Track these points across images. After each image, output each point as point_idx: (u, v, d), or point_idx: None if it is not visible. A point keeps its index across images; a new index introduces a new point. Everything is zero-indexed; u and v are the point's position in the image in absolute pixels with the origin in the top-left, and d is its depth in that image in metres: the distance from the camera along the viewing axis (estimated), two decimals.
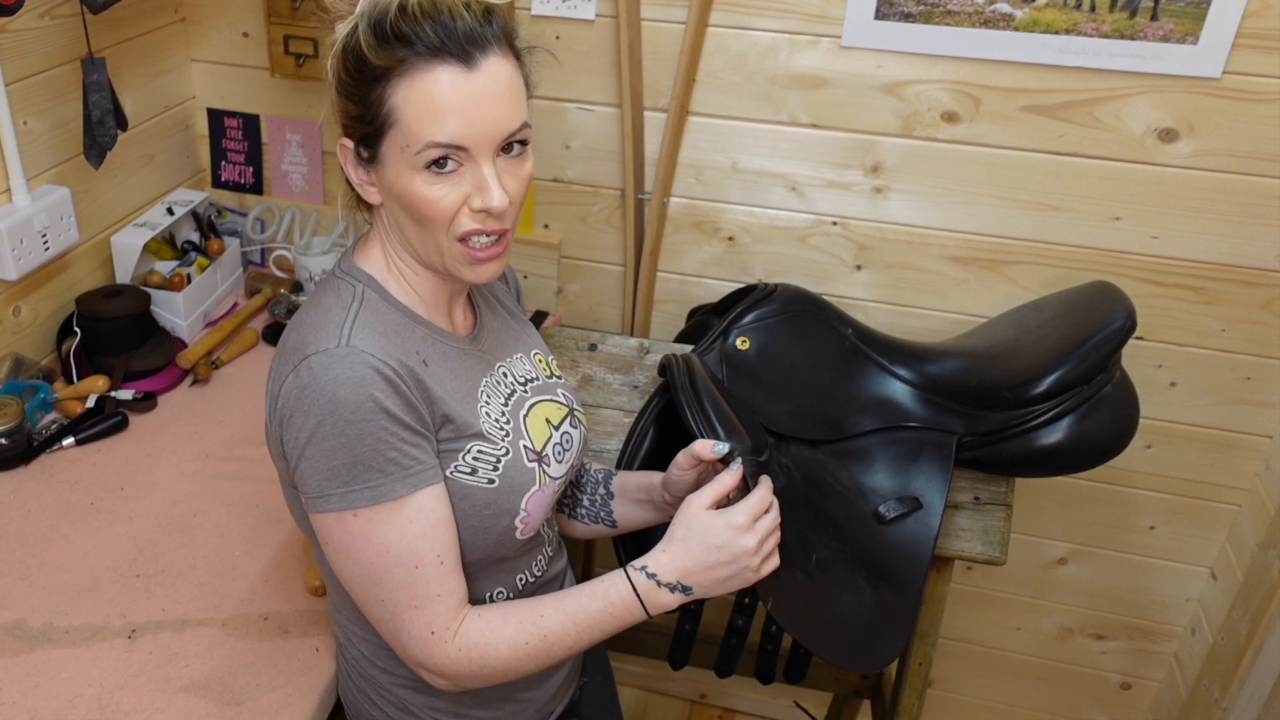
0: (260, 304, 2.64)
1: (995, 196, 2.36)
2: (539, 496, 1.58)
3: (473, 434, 1.50)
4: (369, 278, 1.50)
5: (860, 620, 1.91)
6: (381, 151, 1.42)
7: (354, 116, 1.43)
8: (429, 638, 1.46)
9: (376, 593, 1.46)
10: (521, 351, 1.71)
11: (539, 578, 1.71)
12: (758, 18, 2.31)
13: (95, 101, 2.24)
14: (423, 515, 1.43)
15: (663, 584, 1.51)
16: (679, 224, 2.57)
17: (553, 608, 1.52)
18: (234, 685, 1.67)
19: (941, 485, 2.02)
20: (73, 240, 2.32)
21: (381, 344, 1.42)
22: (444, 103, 1.37)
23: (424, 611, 1.46)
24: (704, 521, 1.52)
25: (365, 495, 1.40)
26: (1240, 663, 2.40)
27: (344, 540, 1.44)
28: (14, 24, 2.11)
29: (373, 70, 1.37)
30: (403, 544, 1.42)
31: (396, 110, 1.37)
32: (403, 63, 1.36)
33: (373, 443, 1.38)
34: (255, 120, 2.74)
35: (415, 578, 1.44)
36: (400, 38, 1.35)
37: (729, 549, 1.50)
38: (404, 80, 1.36)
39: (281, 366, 1.44)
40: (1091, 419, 2.03)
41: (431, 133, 1.37)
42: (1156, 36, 2.13)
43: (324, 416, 1.37)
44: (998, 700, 3.07)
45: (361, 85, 1.39)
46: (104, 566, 1.87)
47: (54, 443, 2.13)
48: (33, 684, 1.64)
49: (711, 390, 1.84)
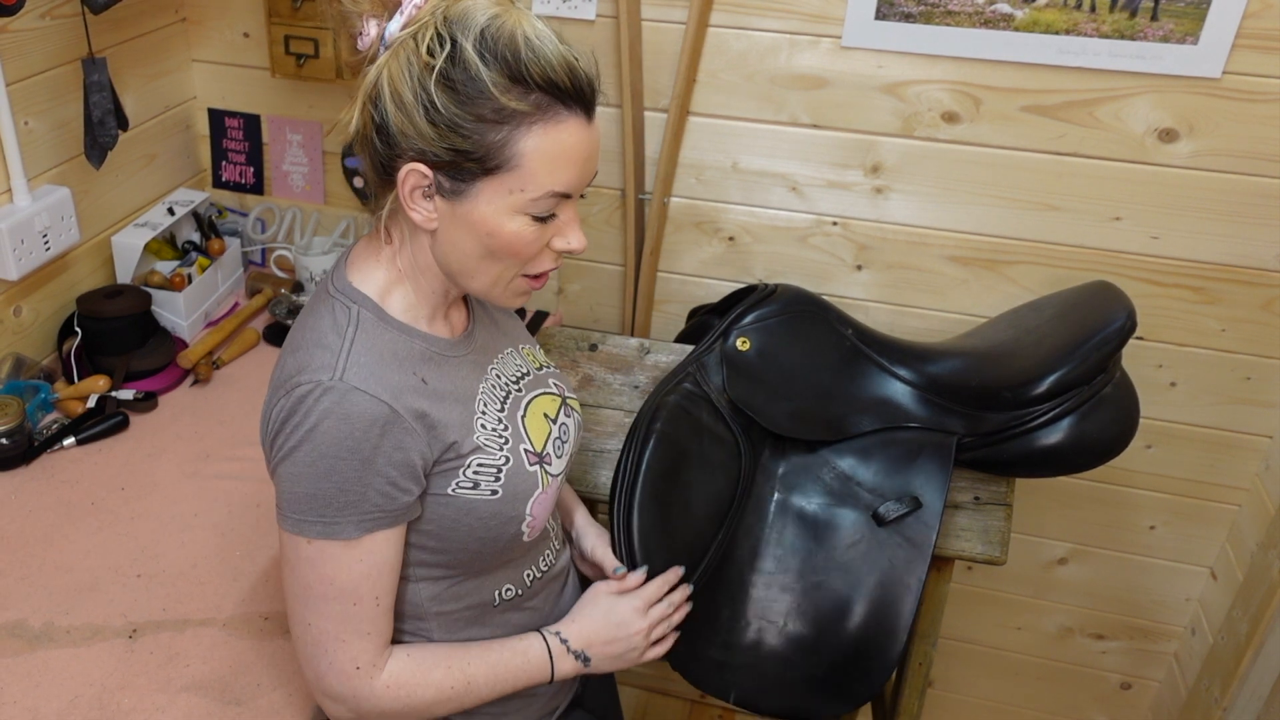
0: (261, 304, 2.64)
1: (995, 196, 2.36)
2: (543, 499, 1.59)
3: (471, 450, 1.50)
4: (364, 297, 1.47)
5: (837, 665, 1.96)
6: (475, 188, 1.37)
7: (454, 149, 1.34)
8: (353, 672, 1.48)
9: (307, 616, 1.47)
10: (510, 346, 1.71)
11: (545, 573, 1.72)
12: (758, 18, 2.31)
13: (96, 101, 2.24)
14: (371, 556, 1.44)
15: (570, 650, 1.67)
16: (679, 224, 2.57)
17: (478, 657, 1.59)
18: (235, 685, 1.68)
19: (941, 485, 2.02)
20: (73, 240, 2.32)
21: (379, 374, 1.41)
22: (573, 156, 1.37)
23: (351, 647, 1.47)
24: (608, 602, 1.73)
25: (317, 529, 1.41)
26: (1240, 663, 2.40)
27: (292, 558, 1.45)
28: (15, 24, 2.12)
29: (498, 110, 1.32)
30: (346, 580, 1.44)
31: (521, 156, 1.34)
32: (541, 109, 1.33)
33: (339, 481, 1.38)
34: (256, 120, 2.74)
35: (351, 614, 1.46)
36: (534, 80, 1.32)
37: (624, 627, 1.70)
38: (538, 127, 1.33)
39: (275, 391, 1.43)
40: (1092, 419, 2.03)
41: (556, 183, 1.37)
42: (1156, 37, 2.13)
43: (300, 443, 1.38)
44: (998, 700, 3.07)
45: (477, 122, 1.32)
46: (105, 566, 1.87)
47: (55, 443, 2.13)
48: (34, 684, 1.64)
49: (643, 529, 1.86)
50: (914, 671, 2.21)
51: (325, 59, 2.44)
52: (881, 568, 1.97)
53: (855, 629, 1.94)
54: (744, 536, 2.00)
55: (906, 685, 2.24)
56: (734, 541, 1.99)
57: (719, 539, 1.96)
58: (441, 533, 1.51)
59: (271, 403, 1.43)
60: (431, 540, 1.51)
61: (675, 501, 1.90)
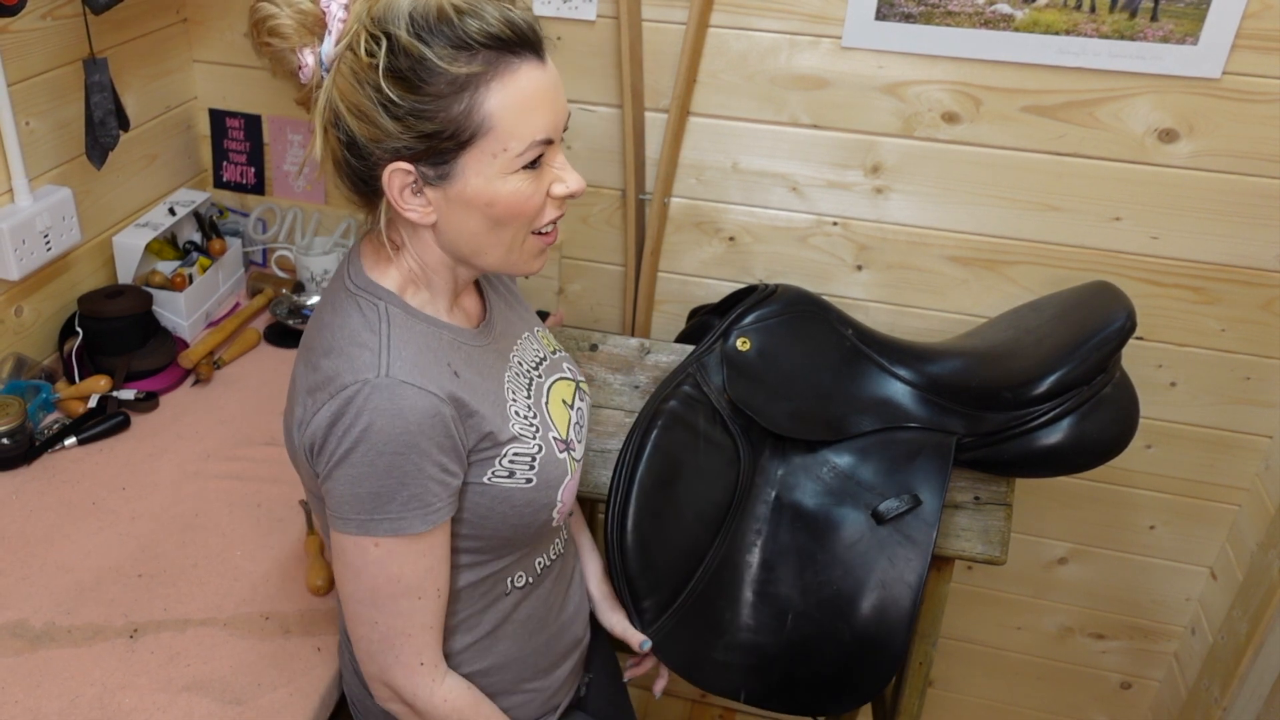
0: (262, 304, 2.65)
1: (995, 197, 2.36)
2: (571, 484, 1.61)
3: (508, 439, 1.51)
4: (388, 293, 1.48)
5: (842, 662, 1.97)
6: (459, 165, 1.38)
7: (425, 135, 1.35)
8: (418, 668, 1.49)
9: (373, 615, 1.47)
10: (526, 330, 1.73)
11: (554, 560, 1.74)
12: (758, 18, 2.31)
13: (97, 102, 2.24)
14: (433, 550, 1.45)
15: None
16: (680, 224, 2.57)
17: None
18: (236, 685, 1.68)
19: (941, 485, 2.02)
20: (75, 240, 2.32)
21: (420, 365, 1.42)
22: (537, 100, 1.37)
23: (416, 641, 1.48)
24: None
25: (385, 527, 1.40)
26: (1240, 662, 2.41)
27: (357, 563, 1.45)
28: (16, 24, 2.12)
29: (455, 81, 1.33)
30: (413, 576, 1.44)
31: (491, 117, 1.35)
32: (492, 66, 1.34)
33: (400, 476, 1.38)
34: (257, 121, 2.75)
35: (416, 608, 1.47)
36: (475, 39, 1.32)
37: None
38: (496, 84, 1.34)
39: (315, 394, 1.42)
40: (1092, 419, 2.03)
41: (533, 131, 1.37)
42: (1156, 37, 2.13)
43: (356, 443, 1.37)
44: (998, 700, 3.07)
45: (436, 100, 1.33)
46: (106, 566, 1.88)
47: (56, 442, 2.14)
48: (35, 683, 1.64)
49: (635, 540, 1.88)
50: (914, 671, 2.21)
51: None
52: (882, 566, 1.98)
53: (857, 628, 1.94)
54: (744, 538, 2.01)
55: (907, 685, 2.24)
56: (735, 544, 1.99)
57: (715, 545, 1.97)
58: (475, 520, 1.51)
59: (310, 409, 1.42)
60: (465, 528, 1.52)
61: (669, 512, 1.92)
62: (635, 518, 1.87)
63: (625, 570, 1.84)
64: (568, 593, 1.80)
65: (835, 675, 1.94)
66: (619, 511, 1.87)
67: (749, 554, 2.01)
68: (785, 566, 1.99)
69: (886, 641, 1.95)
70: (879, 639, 1.94)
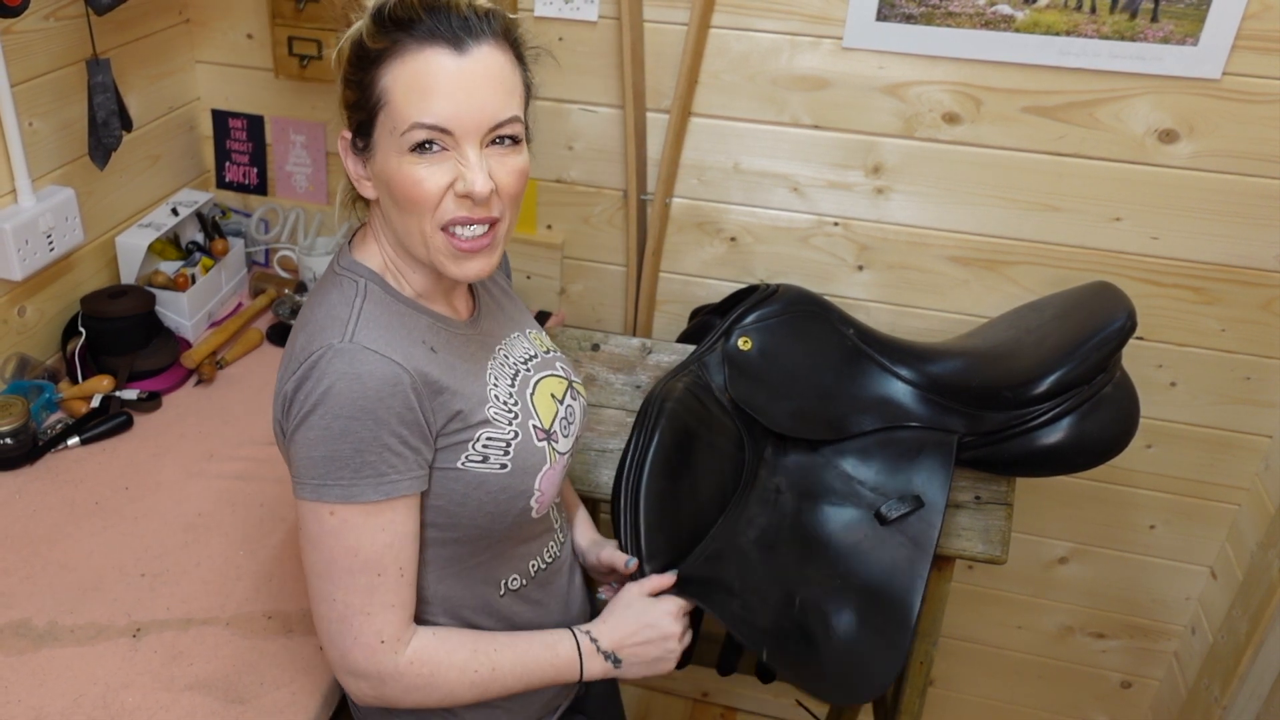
0: (264, 304, 2.65)
1: (996, 197, 2.37)
2: (550, 474, 1.60)
3: (480, 421, 1.51)
4: (369, 271, 1.51)
5: (847, 657, 1.93)
6: (374, 139, 1.43)
7: (351, 104, 1.45)
8: (378, 646, 1.48)
9: (331, 590, 1.47)
10: (517, 330, 1.73)
11: (549, 564, 1.73)
12: (759, 19, 2.32)
13: (100, 103, 2.25)
14: (394, 526, 1.45)
15: (600, 649, 1.66)
16: (681, 224, 2.57)
17: (506, 645, 1.60)
18: (238, 684, 1.68)
19: (943, 485, 2.03)
20: (78, 241, 2.32)
21: (387, 336, 1.44)
22: (431, 84, 1.38)
23: (376, 619, 1.47)
24: (642, 604, 1.71)
25: (337, 493, 1.41)
26: (1240, 661, 2.41)
27: (315, 532, 1.45)
28: (19, 25, 2.12)
29: (369, 54, 1.39)
30: (371, 550, 1.44)
31: (386, 91, 1.39)
32: (396, 44, 1.38)
33: (355, 442, 1.39)
34: (259, 121, 2.75)
35: (375, 585, 1.46)
36: (396, 22, 1.37)
37: (658, 629, 1.69)
38: (395, 61, 1.38)
39: (286, 367, 1.46)
40: (1092, 419, 2.03)
41: (418, 113, 1.39)
42: (1157, 38, 2.14)
43: (315, 406, 1.39)
44: (999, 699, 3.07)
45: (358, 70, 1.42)
46: (109, 566, 1.88)
47: (59, 442, 2.14)
48: (38, 682, 1.65)
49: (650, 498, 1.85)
50: (915, 670, 2.22)
51: (328, 60, 2.45)
52: (884, 566, 1.98)
53: (858, 627, 1.93)
54: (748, 525, 2.00)
55: (908, 684, 2.24)
56: (739, 528, 1.98)
57: (719, 523, 1.96)
58: (450, 508, 1.51)
59: (284, 380, 1.45)
60: (441, 516, 1.52)
61: (684, 479, 1.90)
62: (652, 472, 1.84)
63: (635, 523, 1.81)
64: (566, 596, 1.79)
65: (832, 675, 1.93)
66: (636, 466, 1.85)
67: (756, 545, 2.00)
68: (788, 564, 1.99)
69: (887, 644, 1.94)
70: (879, 641, 1.93)
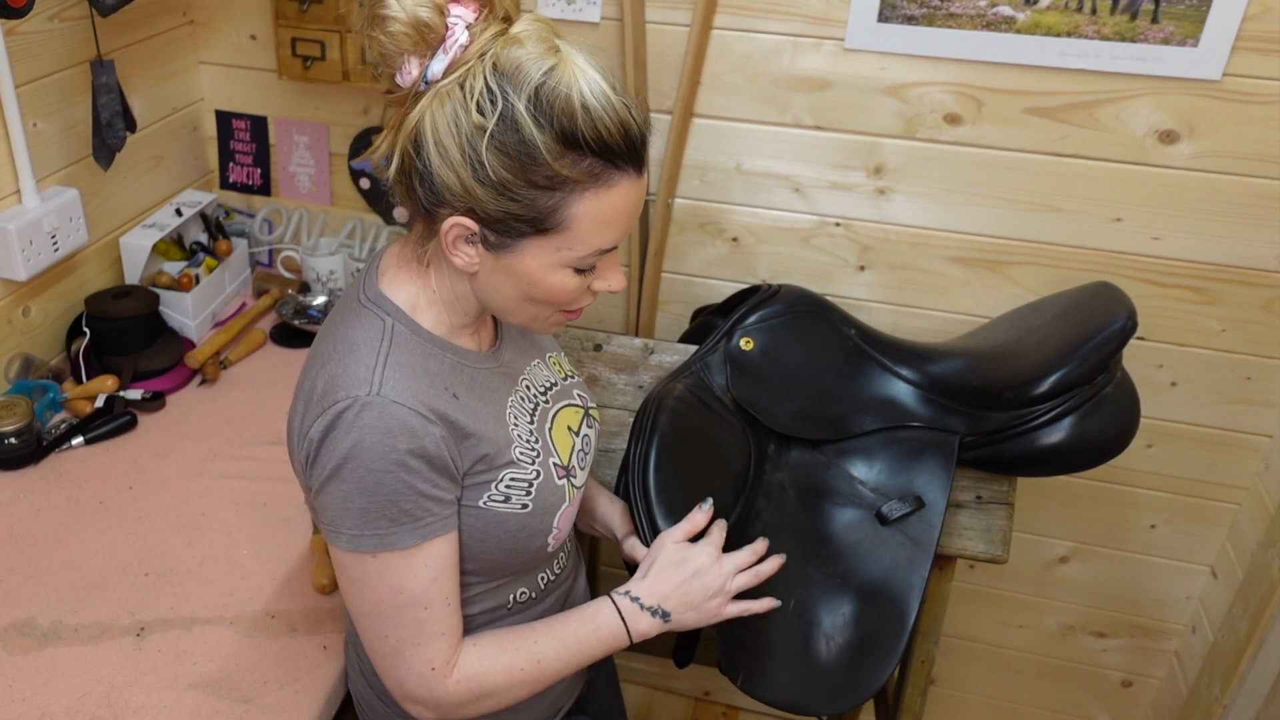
0: (268, 304, 2.66)
1: (997, 198, 2.37)
2: (569, 511, 1.60)
3: (505, 463, 1.50)
4: (397, 309, 1.46)
5: (841, 659, 1.93)
6: (522, 244, 1.36)
7: (504, 211, 1.32)
8: (429, 674, 1.48)
9: (382, 628, 1.47)
10: (538, 357, 1.71)
11: (558, 575, 1.73)
12: (761, 20, 2.32)
13: (104, 103, 2.26)
14: (435, 561, 1.44)
15: (645, 607, 1.62)
16: (683, 225, 2.58)
17: (544, 633, 1.58)
18: (242, 683, 1.69)
19: (944, 485, 2.03)
20: (82, 241, 2.33)
21: (413, 387, 1.40)
22: (622, 214, 1.36)
23: (427, 650, 1.47)
24: (678, 551, 1.66)
25: (374, 541, 1.40)
26: (1240, 660, 2.41)
27: (358, 576, 1.45)
28: (24, 27, 2.13)
29: (553, 177, 1.30)
30: (415, 587, 1.44)
31: (572, 220, 1.33)
32: (594, 176, 1.31)
33: (389, 493, 1.38)
34: (263, 122, 2.76)
35: (424, 618, 1.46)
36: (593, 149, 1.29)
37: (701, 575, 1.64)
38: (591, 193, 1.32)
39: (309, 408, 1.42)
40: (1093, 419, 2.04)
41: (603, 241, 1.37)
42: (1157, 39, 2.14)
43: (345, 459, 1.37)
44: (1000, 697, 3.08)
45: (530, 187, 1.30)
46: (113, 565, 1.89)
47: (63, 442, 2.15)
48: (42, 681, 1.66)
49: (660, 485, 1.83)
50: (917, 669, 2.22)
51: (332, 61, 2.45)
52: (885, 566, 1.98)
53: (859, 627, 1.93)
54: (755, 519, 2.00)
55: (909, 683, 2.25)
56: (746, 524, 1.98)
57: (738, 510, 1.95)
58: (469, 544, 1.51)
59: (307, 419, 1.41)
60: (460, 550, 1.51)
61: (692, 468, 1.88)
62: (658, 460, 1.83)
63: (649, 512, 1.78)
64: (570, 598, 1.80)
65: (832, 674, 1.93)
66: (641, 459, 1.84)
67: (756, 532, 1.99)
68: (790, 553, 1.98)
69: (887, 644, 1.94)
70: (879, 641, 1.93)
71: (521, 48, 1.29)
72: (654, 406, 1.93)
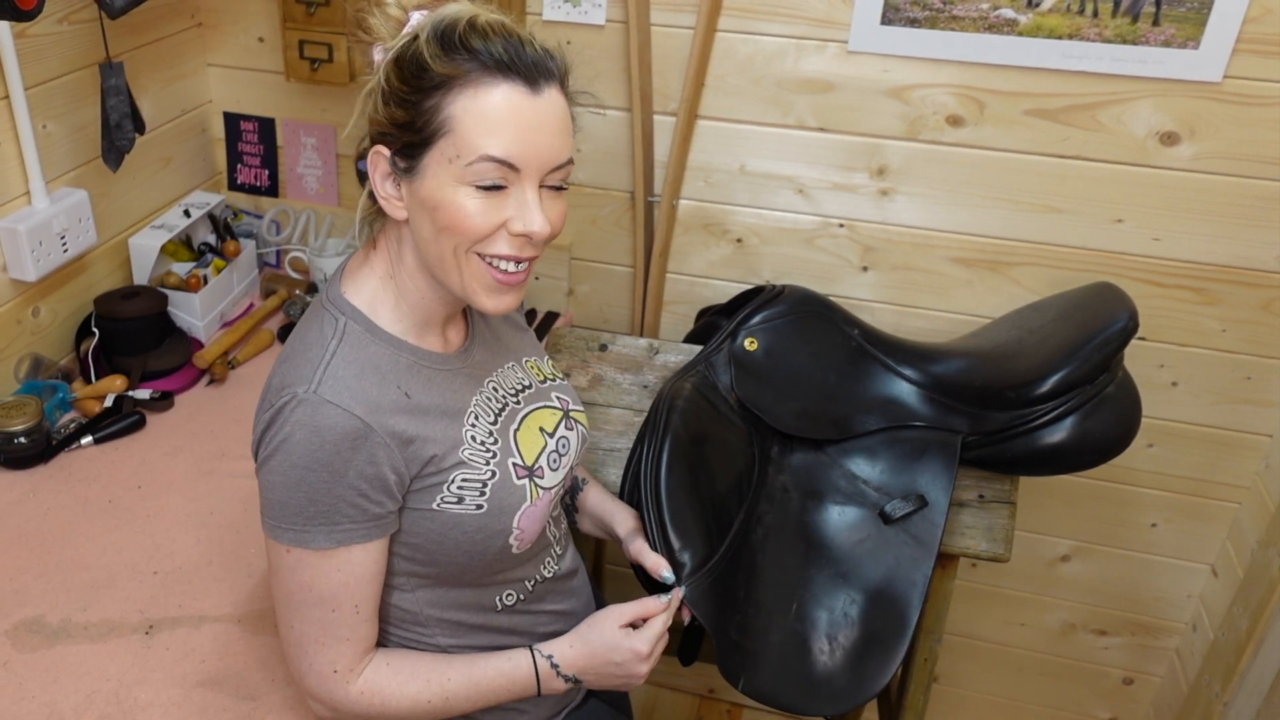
0: (276, 305, 2.66)
1: (999, 199, 2.38)
2: (531, 511, 1.59)
3: (454, 464, 1.51)
4: (353, 309, 1.49)
5: (844, 660, 1.93)
6: (423, 162, 1.40)
7: (400, 124, 1.39)
8: (330, 675, 1.51)
9: (290, 618, 1.50)
10: (513, 359, 1.72)
11: (549, 578, 1.73)
12: (765, 23, 2.33)
13: (113, 105, 2.27)
14: (348, 568, 1.46)
15: (560, 674, 1.64)
16: (688, 226, 2.59)
17: (459, 672, 1.59)
18: (250, 680, 1.70)
19: (946, 484, 2.03)
20: (91, 242, 2.34)
21: (354, 388, 1.42)
22: (505, 118, 1.37)
23: (330, 651, 1.50)
24: (614, 639, 1.64)
25: (289, 536, 1.43)
26: (1241, 658, 2.42)
27: (274, 563, 1.48)
28: (33, 29, 2.14)
29: (432, 78, 1.36)
30: (324, 588, 1.46)
31: (452, 119, 1.36)
32: (467, 74, 1.36)
33: (309, 491, 1.40)
34: (271, 124, 2.77)
35: (329, 619, 1.48)
36: (468, 49, 1.35)
37: (625, 667, 1.64)
38: (466, 90, 1.36)
39: (264, 396, 1.47)
40: (1094, 418, 2.04)
41: (488, 145, 1.37)
42: (1158, 41, 2.15)
43: (275, 451, 1.41)
44: (1002, 695, 3.09)
45: (416, 93, 1.37)
46: (122, 563, 1.90)
47: (72, 441, 2.15)
48: (51, 679, 1.66)
49: (674, 478, 1.84)
50: (919, 667, 2.23)
51: (339, 63, 2.46)
52: (888, 565, 1.98)
53: (862, 625, 1.94)
54: (757, 524, 2.01)
55: (912, 681, 2.25)
56: (749, 529, 1.99)
57: (741, 516, 1.96)
58: (428, 546, 1.52)
59: (260, 411, 1.46)
60: (419, 553, 1.53)
61: (701, 472, 1.90)
62: (670, 463, 1.84)
63: (660, 519, 1.79)
64: (568, 599, 1.80)
65: (834, 673, 1.93)
66: (654, 461, 1.84)
67: (763, 540, 2.01)
68: (793, 560, 2.00)
69: (890, 643, 1.94)
70: (882, 639, 1.94)
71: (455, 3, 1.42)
72: (665, 406, 1.94)
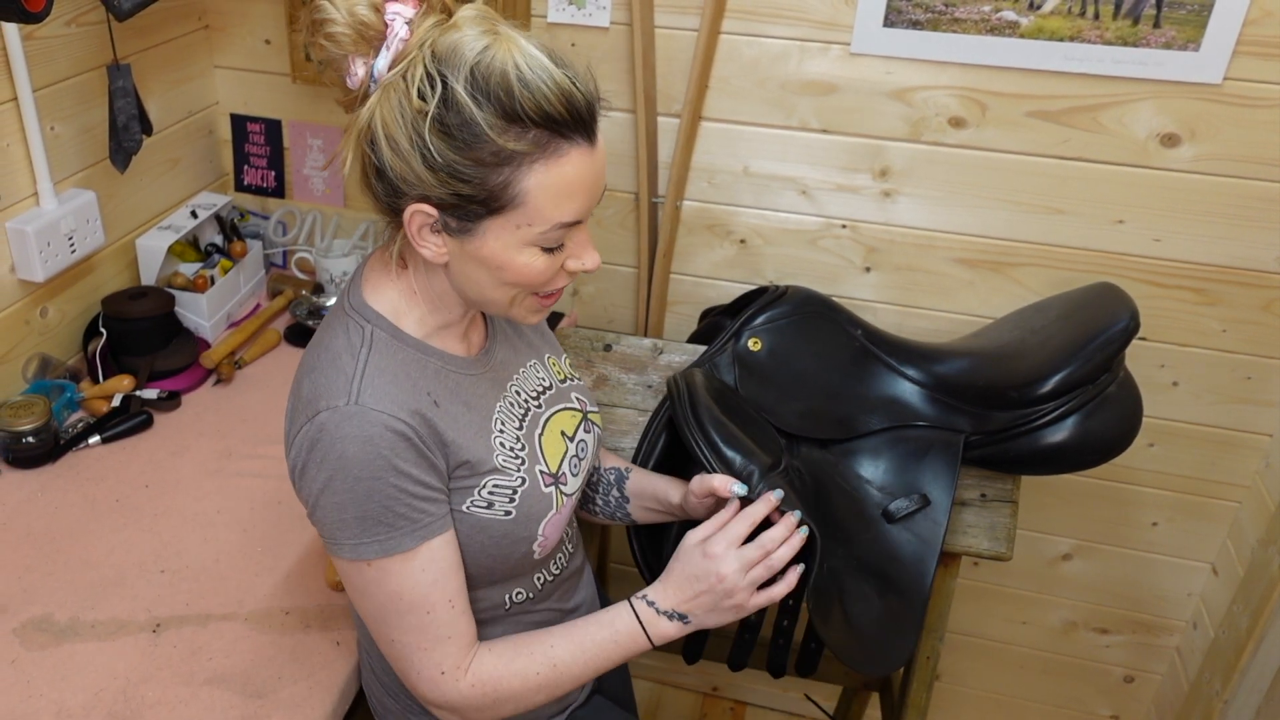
0: (282, 305, 2.67)
1: (1001, 200, 2.39)
2: (556, 519, 1.59)
3: (487, 470, 1.50)
4: (378, 316, 1.47)
5: (873, 625, 1.94)
6: (482, 225, 1.36)
7: (457, 194, 1.32)
8: (439, 678, 1.49)
9: (389, 633, 1.49)
10: (535, 358, 1.71)
11: (557, 575, 1.73)
12: (769, 25, 2.34)
13: (121, 107, 2.28)
14: (434, 564, 1.45)
15: (661, 612, 1.58)
16: (692, 227, 2.60)
17: (561, 637, 1.57)
18: (256, 678, 1.70)
19: (949, 483, 2.04)
20: (99, 243, 2.35)
21: (392, 394, 1.41)
22: (577, 186, 1.34)
23: (434, 653, 1.49)
24: (698, 557, 1.58)
25: (374, 548, 1.42)
26: (1241, 656, 2.43)
27: (359, 584, 1.47)
28: (41, 31, 2.15)
29: (499, 152, 1.29)
30: (415, 591, 1.45)
31: (525, 194, 1.32)
32: (540, 147, 1.30)
33: (381, 499, 1.39)
34: (277, 125, 2.78)
35: (427, 622, 1.47)
36: (535, 120, 1.29)
37: (705, 578, 1.57)
38: (538, 165, 1.31)
39: (296, 415, 1.44)
40: (1096, 418, 2.04)
41: (562, 215, 1.35)
42: (1159, 43, 2.16)
43: (334, 473, 1.38)
44: (1004, 693, 3.10)
45: (478, 166, 1.30)
46: (129, 562, 1.91)
47: (80, 441, 2.16)
48: (60, 677, 1.67)
49: (713, 411, 1.85)
50: (922, 665, 2.23)
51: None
52: (890, 563, 2.00)
53: (864, 625, 1.95)
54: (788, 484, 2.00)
55: (914, 678, 2.26)
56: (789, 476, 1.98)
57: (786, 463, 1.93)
58: None
59: (295, 425, 1.44)
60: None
61: (735, 416, 1.90)
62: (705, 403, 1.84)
63: (710, 441, 1.77)
64: (574, 596, 1.81)
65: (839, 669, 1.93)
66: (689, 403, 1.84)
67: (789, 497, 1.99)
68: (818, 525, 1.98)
69: (893, 641, 1.95)
70: (884, 638, 1.95)
71: (459, 32, 1.31)
72: (681, 378, 1.95)
